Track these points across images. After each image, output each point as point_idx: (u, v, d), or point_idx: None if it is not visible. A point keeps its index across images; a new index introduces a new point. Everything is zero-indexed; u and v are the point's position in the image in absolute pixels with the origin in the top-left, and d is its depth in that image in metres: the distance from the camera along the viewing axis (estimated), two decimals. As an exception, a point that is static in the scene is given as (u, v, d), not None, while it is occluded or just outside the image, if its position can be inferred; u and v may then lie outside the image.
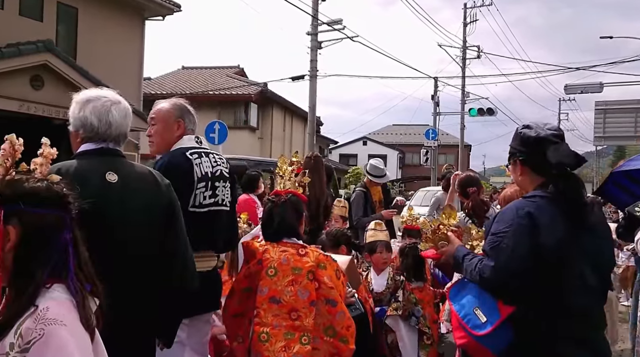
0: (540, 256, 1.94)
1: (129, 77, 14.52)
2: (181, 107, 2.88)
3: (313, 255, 2.73)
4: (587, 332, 2.01)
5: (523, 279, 1.95)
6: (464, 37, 25.90)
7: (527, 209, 1.99)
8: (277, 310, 2.64)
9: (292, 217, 2.82)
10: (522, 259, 1.94)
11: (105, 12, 14.07)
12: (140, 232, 2.10)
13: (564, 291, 1.96)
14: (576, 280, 1.97)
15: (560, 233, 1.96)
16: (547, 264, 1.94)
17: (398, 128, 48.77)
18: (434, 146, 23.54)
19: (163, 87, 24.23)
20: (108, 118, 2.14)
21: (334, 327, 2.64)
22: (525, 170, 2.17)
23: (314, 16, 16.13)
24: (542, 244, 1.94)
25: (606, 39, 22.48)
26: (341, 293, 2.75)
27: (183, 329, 2.54)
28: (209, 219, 2.74)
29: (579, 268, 1.98)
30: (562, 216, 1.98)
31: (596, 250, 2.03)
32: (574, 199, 2.02)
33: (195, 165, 2.72)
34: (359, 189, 6.04)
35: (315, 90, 16.57)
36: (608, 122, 17.59)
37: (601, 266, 2.05)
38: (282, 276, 2.67)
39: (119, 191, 2.06)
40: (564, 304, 1.96)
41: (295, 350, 2.58)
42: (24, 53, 10.85)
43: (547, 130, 2.13)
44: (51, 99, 11.38)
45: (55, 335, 1.22)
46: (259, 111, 25.16)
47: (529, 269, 1.94)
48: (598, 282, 2.01)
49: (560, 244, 1.95)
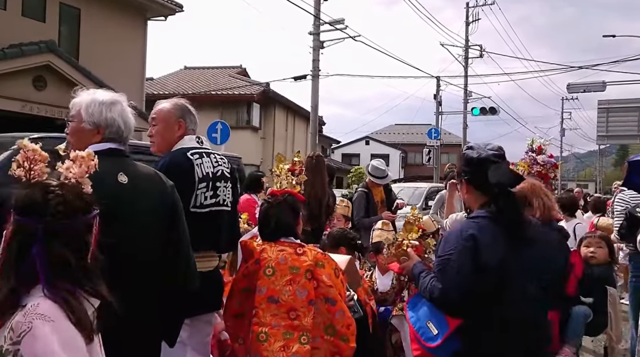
0: (483, 275, 2.06)
1: (132, 78, 14.54)
2: (182, 107, 2.89)
3: (311, 254, 2.71)
4: (529, 342, 2.13)
5: (468, 298, 2.09)
6: (467, 36, 25.88)
7: (470, 232, 2.11)
8: (276, 310, 2.63)
9: (288, 216, 2.81)
10: (466, 279, 2.07)
11: (108, 13, 14.10)
12: (148, 233, 2.12)
13: (505, 304, 2.08)
14: (517, 294, 2.08)
15: (501, 252, 2.08)
16: (490, 282, 2.06)
17: (400, 128, 48.73)
18: (437, 146, 23.51)
19: (165, 88, 24.26)
20: (129, 121, 2.25)
21: (334, 325, 2.63)
22: (470, 189, 2.28)
23: (316, 16, 16.13)
24: (484, 263, 2.06)
25: (609, 38, 22.41)
26: (341, 292, 2.73)
27: (184, 329, 2.55)
28: (210, 219, 2.75)
29: (519, 282, 2.09)
30: (502, 234, 2.10)
31: (536, 263, 2.13)
32: (513, 217, 2.13)
33: (196, 165, 2.72)
34: (361, 190, 6.04)
35: (317, 90, 16.58)
36: (611, 121, 17.52)
37: (542, 276, 2.14)
38: (280, 275, 2.65)
39: (130, 192, 2.08)
40: (505, 316, 2.08)
41: (294, 349, 2.56)
42: (27, 54, 10.89)
43: (489, 151, 2.23)
44: (54, 100, 11.41)
45: (41, 329, 1.26)
46: (261, 111, 25.17)
47: (473, 288, 2.07)
48: (538, 292, 2.13)
49: (502, 262, 2.07)
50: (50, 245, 1.38)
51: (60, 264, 1.38)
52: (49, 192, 1.43)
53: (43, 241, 1.38)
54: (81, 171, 1.55)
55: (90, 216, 1.48)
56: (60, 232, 1.40)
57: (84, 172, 1.55)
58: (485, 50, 25.87)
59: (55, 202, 1.42)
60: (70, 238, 1.42)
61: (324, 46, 16.56)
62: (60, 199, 1.43)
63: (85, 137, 2.19)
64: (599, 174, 55.30)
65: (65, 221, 1.41)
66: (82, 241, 1.45)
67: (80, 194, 1.49)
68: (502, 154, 2.25)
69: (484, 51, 25.84)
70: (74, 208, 1.44)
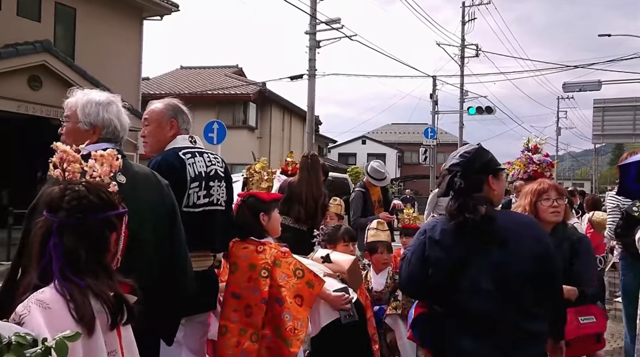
0: (429, 267, 2.24)
1: (128, 77, 14.52)
2: (174, 106, 2.88)
3: (270, 252, 2.79)
4: (486, 333, 2.17)
5: (418, 287, 2.36)
6: (463, 36, 25.92)
7: (424, 227, 2.36)
8: (236, 305, 2.76)
9: (246, 217, 2.94)
10: (415, 271, 2.30)
11: (103, 13, 14.07)
12: (147, 234, 2.12)
13: (458, 294, 2.20)
14: (469, 285, 2.17)
15: (447, 246, 2.22)
16: (437, 274, 2.22)
17: (397, 127, 48.75)
18: (433, 145, 23.55)
19: (161, 87, 24.21)
20: (124, 122, 2.28)
21: (280, 326, 2.65)
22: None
23: (313, 15, 16.14)
24: (429, 257, 2.25)
25: (605, 37, 22.48)
26: (302, 293, 2.72)
27: (180, 329, 2.54)
28: (203, 219, 2.74)
29: (473, 275, 2.17)
30: (456, 230, 2.22)
31: (500, 258, 2.17)
32: (464, 218, 2.21)
33: (188, 165, 2.71)
34: (358, 190, 6.05)
35: (313, 90, 16.58)
36: (607, 120, 17.57)
37: (502, 273, 2.17)
38: (241, 272, 2.80)
39: (128, 192, 2.04)
40: (462, 306, 2.20)
41: (244, 347, 2.67)
42: (22, 53, 10.86)
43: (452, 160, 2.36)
44: (49, 100, 11.39)
45: (36, 313, 1.33)
46: (257, 111, 25.15)
47: (420, 278, 2.29)
48: (496, 287, 2.15)
49: (446, 255, 2.21)
50: (64, 239, 1.45)
51: (72, 257, 1.45)
52: (67, 189, 1.50)
53: (58, 235, 1.45)
54: (105, 170, 1.61)
55: (109, 214, 1.54)
56: (73, 227, 1.47)
57: (107, 171, 1.61)
58: (481, 50, 25.91)
59: (69, 198, 1.48)
60: (84, 233, 1.48)
61: (320, 46, 16.57)
62: (74, 195, 1.49)
63: (81, 137, 2.17)
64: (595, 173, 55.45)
65: (79, 216, 1.47)
66: (98, 237, 1.51)
67: (99, 192, 1.54)
68: (460, 161, 2.31)
69: (480, 50, 25.88)
70: (89, 205, 1.50)
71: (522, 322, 2.18)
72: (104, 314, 1.44)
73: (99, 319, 1.42)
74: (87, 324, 1.38)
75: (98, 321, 1.42)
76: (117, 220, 1.57)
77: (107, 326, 1.45)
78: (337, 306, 3.00)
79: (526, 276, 2.18)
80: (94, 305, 1.43)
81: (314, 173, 4.31)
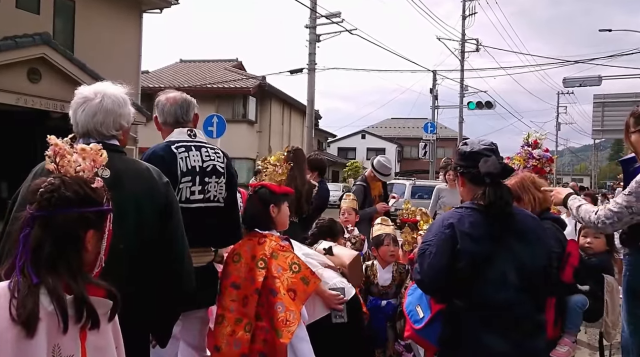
0: (458, 261, 2.19)
1: (127, 70, 14.45)
2: (156, 102, 2.87)
3: (269, 245, 2.82)
4: (508, 326, 2.19)
5: (443, 282, 2.25)
6: (463, 30, 25.86)
7: (450, 220, 2.26)
8: (235, 295, 2.79)
9: (255, 208, 2.96)
10: (443, 265, 2.22)
11: (103, 5, 14.01)
12: (129, 230, 1.99)
13: (484, 287, 2.19)
14: (496, 277, 2.18)
15: (479, 240, 2.20)
16: (466, 268, 2.18)
17: (396, 121, 48.78)
18: (433, 139, 23.54)
19: (161, 81, 24.16)
20: (77, 115, 2.13)
21: (272, 317, 2.65)
22: (464, 182, 2.41)
23: (313, 9, 16.09)
24: (459, 250, 2.19)
25: (605, 32, 22.42)
26: (296, 288, 2.71)
27: (177, 324, 2.51)
28: (198, 215, 2.66)
29: (500, 267, 2.19)
30: (485, 223, 2.22)
31: (522, 253, 2.23)
32: (500, 207, 2.23)
33: (179, 159, 2.64)
34: (359, 183, 6.06)
35: (313, 84, 16.56)
36: (606, 116, 17.58)
37: (525, 266, 2.22)
38: (243, 263, 2.82)
39: (110, 187, 1.97)
40: (488, 298, 2.19)
41: (238, 336, 2.70)
42: (21, 46, 10.81)
43: (481, 145, 2.38)
44: (48, 92, 11.36)
45: None
46: (257, 105, 25.12)
47: (448, 273, 2.21)
48: (519, 281, 2.19)
49: (480, 250, 2.19)
50: (33, 232, 1.40)
51: (35, 252, 1.38)
52: (44, 182, 1.44)
53: (29, 228, 1.40)
54: (87, 165, 1.53)
55: (84, 210, 1.45)
56: (41, 220, 1.40)
57: (90, 166, 1.53)
58: (481, 44, 25.88)
59: (43, 190, 1.42)
60: (52, 228, 1.40)
61: (320, 40, 16.54)
62: (48, 188, 1.42)
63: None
64: (594, 168, 55.52)
65: (50, 210, 1.40)
66: (67, 233, 1.42)
67: (77, 186, 1.46)
68: (494, 148, 2.38)
69: (480, 45, 25.85)
70: (61, 199, 1.42)
71: (536, 314, 2.27)
72: (56, 316, 1.33)
73: (48, 321, 1.32)
74: (24, 324, 1.29)
75: (45, 322, 1.32)
76: (95, 217, 1.48)
77: (60, 329, 1.33)
78: (329, 304, 2.99)
79: (543, 269, 2.28)
80: (47, 305, 1.33)
81: (298, 166, 4.30)
